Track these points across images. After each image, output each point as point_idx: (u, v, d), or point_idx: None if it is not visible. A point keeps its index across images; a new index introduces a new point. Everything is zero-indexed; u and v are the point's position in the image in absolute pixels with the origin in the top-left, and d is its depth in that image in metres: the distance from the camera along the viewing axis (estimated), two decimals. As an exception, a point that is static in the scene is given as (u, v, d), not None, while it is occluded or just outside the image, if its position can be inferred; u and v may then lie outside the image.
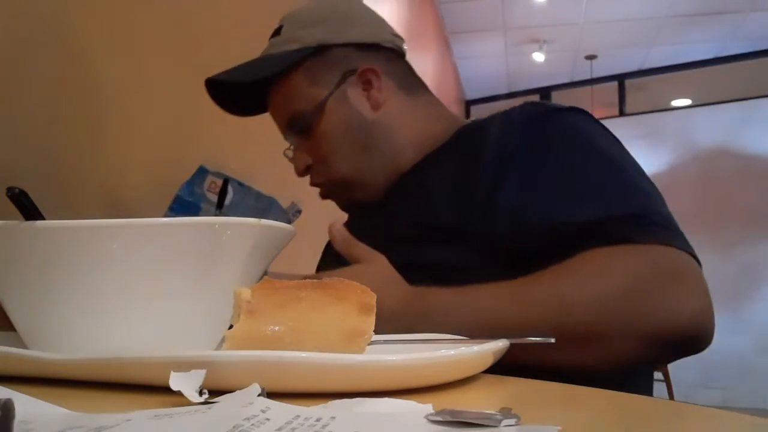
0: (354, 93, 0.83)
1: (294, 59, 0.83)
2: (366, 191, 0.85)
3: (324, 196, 0.89)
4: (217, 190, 0.90)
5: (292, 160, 0.87)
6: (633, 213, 0.63)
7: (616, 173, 0.68)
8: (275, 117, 0.88)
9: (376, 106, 0.83)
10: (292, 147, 0.88)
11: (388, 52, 0.87)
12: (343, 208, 0.90)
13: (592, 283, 0.59)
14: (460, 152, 0.78)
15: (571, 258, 0.60)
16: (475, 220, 0.68)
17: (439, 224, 0.71)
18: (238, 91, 0.87)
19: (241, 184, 0.93)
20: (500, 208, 0.67)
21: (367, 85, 0.84)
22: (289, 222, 0.95)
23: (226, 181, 0.89)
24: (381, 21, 0.91)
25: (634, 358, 0.59)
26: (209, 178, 0.92)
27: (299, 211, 0.97)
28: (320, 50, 0.83)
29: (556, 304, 0.59)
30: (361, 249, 0.66)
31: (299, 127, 0.84)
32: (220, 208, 0.88)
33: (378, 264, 0.65)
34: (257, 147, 1.30)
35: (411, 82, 0.88)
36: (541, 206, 0.65)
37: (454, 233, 0.70)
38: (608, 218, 0.62)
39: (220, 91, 0.88)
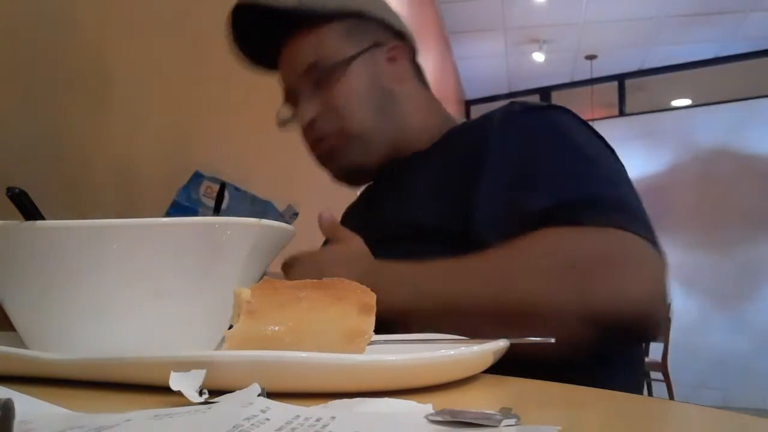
0: (380, 61, 0.86)
1: (338, 9, 0.85)
2: (366, 154, 0.85)
3: (322, 152, 0.87)
4: (213, 194, 0.90)
5: (296, 111, 0.87)
6: (588, 198, 0.63)
7: (581, 163, 0.68)
8: (290, 63, 0.87)
9: (398, 81, 0.87)
10: (287, 107, 0.89)
11: (409, 40, 0.92)
12: (337, 174, 0.90)
13: (534, 261, 0.60)
14: (444, 153, 0.80)
15: (521, 238, 0.62)
16: (455, 220, 0.70)
17: (419, 225, 0.73)
18: (264, 28, 0.87)
19: (236, 189, 0.93)
20: (475, 206, 0.68)
21: (392, 60, 0.87)
22: None
23: (223, 185, 0.89)
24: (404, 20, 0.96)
25: (574, 338, 0.58)
26: (205, 183, 0.92)
27: (296, 214, 0.97)
28: (359, 15, 0.87)
29: (497, 279, 0.60)
30: (342, 231, 0.72)
31: (319, 75, 0.84)
32: (217, 212, 0.88)
33: (352, 243, 0.70)
34: (252, 152, 1.30)
35: (423, 78, 0.92)
36: (510, 200, 0.67)
37: (435, 234, 0.72)
38: (563, 203, 0.63)
39: (244, 23, 0.87)
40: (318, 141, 0.86)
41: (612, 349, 0.68)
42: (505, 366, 0.41)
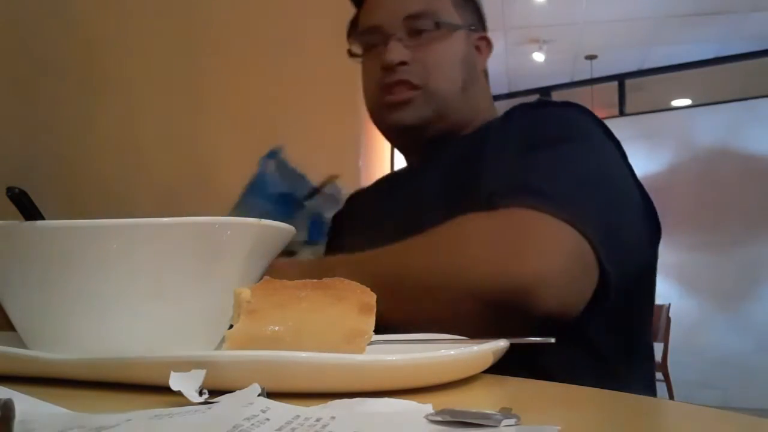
0: (472, 44, 0.89)
1: None
2: (437, 119, 0.85)
3: (395, 99, 0.85)
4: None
5: (383, 50, 0.84)
6: (516, 186, 0.65)
7: (549, 161, 0.69)
8: (395, 2, 0.87)
9: (480, 69, 0.91)
10: (359, 44, 0.89)
11: (491, 44, 0.95)
12: (395, 126, 0.88)
13: (432, 240, 0.63)
14: (463, 152, 0.81)
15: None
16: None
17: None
18: None
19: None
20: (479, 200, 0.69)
21: (478, 50, 0.91)
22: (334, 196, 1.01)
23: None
24: None
25: (467, 312, 0.59)
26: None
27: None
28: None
29: (401, 257, 0.64)
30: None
31: (423, 27, 0.84)
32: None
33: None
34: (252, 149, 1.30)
35: (488, 78, 0.96)
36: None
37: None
38: (494, 192, 0.65)
39: None
40: (398, 84, 0.84)
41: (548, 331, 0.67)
42: (505, 366, 0.41)
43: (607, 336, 0.71)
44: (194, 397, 0.28)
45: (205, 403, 0.27)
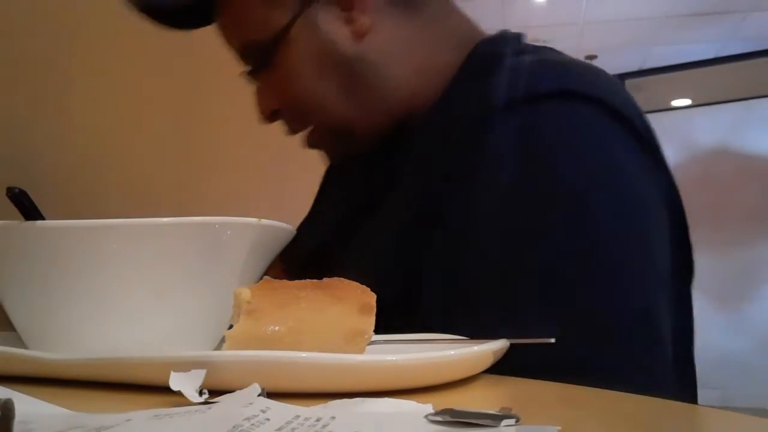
0: (327, 17, 0.61)
1: None
2: (354, 143, 0.65)
3: (309, 145, 0.68)
4: None
5: (255, 96, 0.66)
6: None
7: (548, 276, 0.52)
8: (227, 42, 0.67)
9: (358, 34, 0.61)
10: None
11: None
12: (333, 160, 0.72)
13: None
14: (435, 131, 0.59)
15: None
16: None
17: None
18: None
19: None
20: None
21: (343, 4, 0.61)
22: None
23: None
24: None
25: None
26: None
27: None
28: None
29: None
30: None
31: (256, 61, 0.63)
32: None
33: None
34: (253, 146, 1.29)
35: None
36: None
37: None
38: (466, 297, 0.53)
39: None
40: (292, 133, 0.67)
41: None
42: (505, 366, 0.41)
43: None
44: (194, 397, 0.28)
45: (205, 403, 0.27)
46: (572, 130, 0.54)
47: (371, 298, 0.38)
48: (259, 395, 0.27)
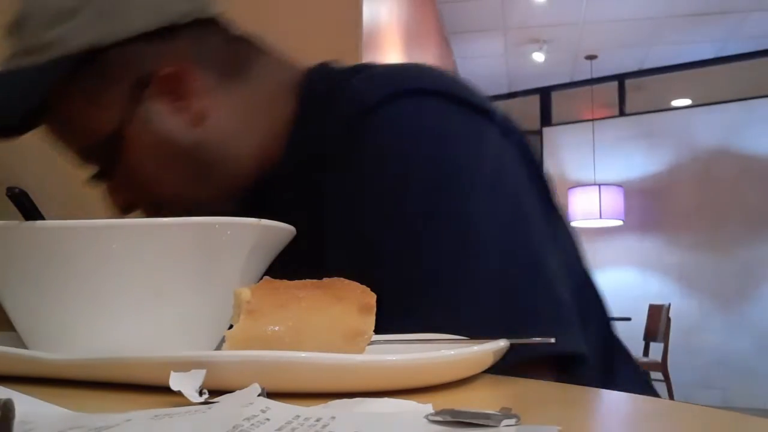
0: (160, 109, 0.59)
1: (49, 81, 0.56)
2: (210, 211, 0.63)
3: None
4: None
5: (106, 194, 0.64)
6: None
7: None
8: (65, 149, 0.63)
9: (196, 120, 0.59)
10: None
11: (193, 29, 0.59)
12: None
13: None
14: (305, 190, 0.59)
15: None
16: None
17: None
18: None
19: None
20: None
21: (174, 93, 0.59)
22: None
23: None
24: None
25: None
26: None
27: None
28: (89, 57, 0.56)
29: None
30: None
31: (98, 164, 0.61)
32: None
33: None
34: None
35: (235, 58, 0.62)
36: None
37: None
38: None
39: None
40: (152, 216, 0.63)
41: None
42: (505, 366, 0.41)
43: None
44: (194, 397, 0.28)
45: (205, 403, 0.27)
46: (432, 122, 0.55)
47: (371, 298, 0.38)
48: (259, 395, 0.27)
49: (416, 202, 0.53)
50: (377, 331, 0.38)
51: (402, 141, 0.55)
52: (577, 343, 0.51)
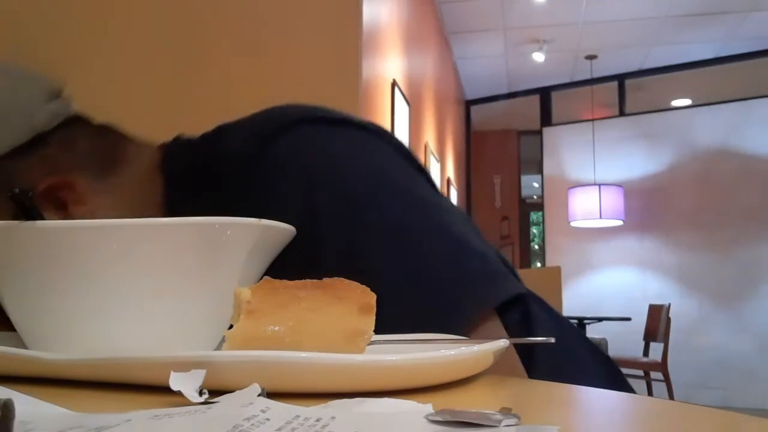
0: (51, 217, 0.56)
1: None
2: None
3: None
4: None
5: None
6: None
7: None
8: None
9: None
10: None
11: (60, 132, 0.59)
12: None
13: None
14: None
15: None
16: None
17: None
18: None
19: None
20: None
21: (59, 206, 0.57)
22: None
23: None
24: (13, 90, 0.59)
25: None
26: None
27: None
28: None
29: None
30: None
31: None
32: None
33: None
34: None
35: (105, 152, 0.62)
36: None
37: None
38: None
39: None
40: None
41: None
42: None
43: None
44: (194, 397, 0.28)
45: (205, 403, 0.27)
46: (324, 143, 0.58)
47: (371, 298, 0.38)
48: (259, 395, 0.27)
49: (330, 212, 0.55)
50: None
51: (303, 165, 0.56)
52: (515, 286, 0.55)
